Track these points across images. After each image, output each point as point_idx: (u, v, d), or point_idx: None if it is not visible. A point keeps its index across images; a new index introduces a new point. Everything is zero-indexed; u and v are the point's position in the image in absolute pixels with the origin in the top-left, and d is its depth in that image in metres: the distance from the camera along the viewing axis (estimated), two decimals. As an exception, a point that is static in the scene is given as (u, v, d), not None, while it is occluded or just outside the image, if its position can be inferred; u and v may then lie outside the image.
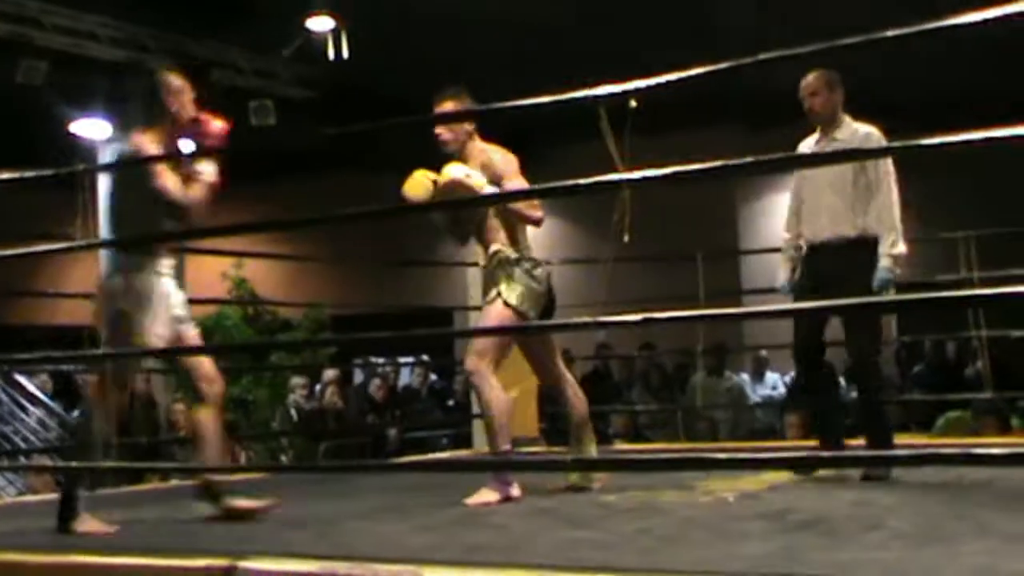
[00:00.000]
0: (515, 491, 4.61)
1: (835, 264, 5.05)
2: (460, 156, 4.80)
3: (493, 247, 4.83)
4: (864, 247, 4.99)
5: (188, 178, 4.26)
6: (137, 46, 10.97)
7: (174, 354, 4.61)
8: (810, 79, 5.15)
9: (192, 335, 4.44)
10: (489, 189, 4.66)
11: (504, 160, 4.81)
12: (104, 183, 4.53)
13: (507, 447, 4.71)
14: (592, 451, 4.99)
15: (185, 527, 4.25)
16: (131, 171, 4.36)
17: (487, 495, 4.54)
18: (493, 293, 4.78)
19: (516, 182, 4.74)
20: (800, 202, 5.28)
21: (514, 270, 4.76)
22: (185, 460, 9.39)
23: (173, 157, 4.29)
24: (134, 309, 4.20)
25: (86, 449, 4.27)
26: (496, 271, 4.80)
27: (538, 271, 4.82)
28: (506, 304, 4.70)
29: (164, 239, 4.30)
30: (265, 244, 12.98)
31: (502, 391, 4.71)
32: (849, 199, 5.04)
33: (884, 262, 4.91)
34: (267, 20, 10.66)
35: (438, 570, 2.81)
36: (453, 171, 4.69)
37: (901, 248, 4.93)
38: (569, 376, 5.11)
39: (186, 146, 4.35)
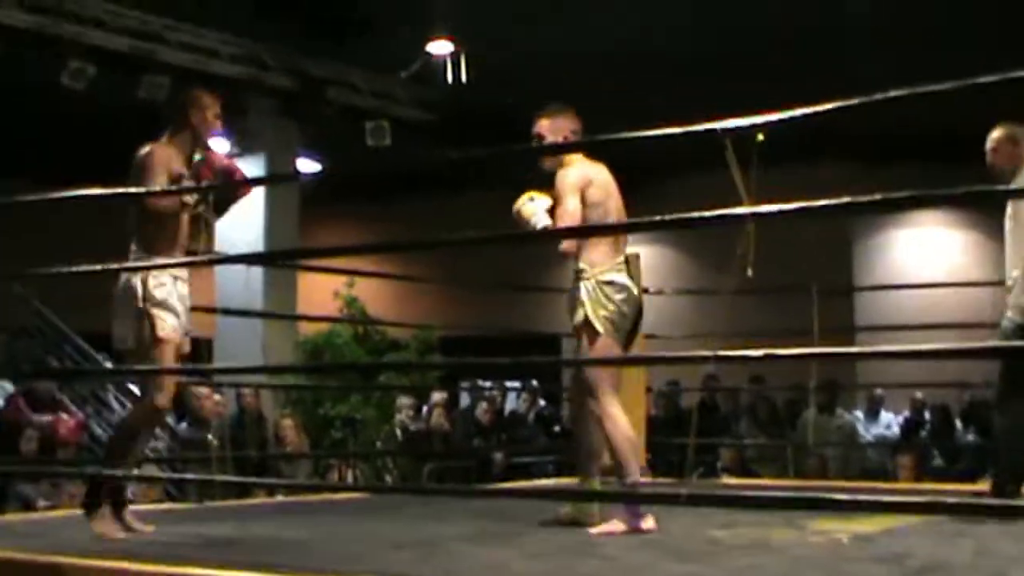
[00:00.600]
0: (646, 523, 4.46)
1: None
2: (555, 174, 4.74)
3: (578, 265, 4.69)
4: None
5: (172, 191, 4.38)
6: (256, 63, 11.15)
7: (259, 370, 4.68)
8: (994, 134, 5.05)
9: (186, 350, 4.59)
10: (543, 218, 4.64)
11: (565, 177, 4.67)
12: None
13: (633, 479, 4.57)
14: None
15: (292, 543, 4.28)
16: (137, 175, 4.49)
17: (613, 525, 4.45)
18: (580, 316, 4.62)
19: (561, 206, 4.63)
20: None
21: (596, 293, 4.61)
22: (292, 476, 9.53)
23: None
24: (153, 308, 4.35)
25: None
26: (578, 292, 4.64)
27: (621, 295, 4.63)
28: (595, 331, 4.56)
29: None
30: (377, 264, 13.09)
31: (624, 423, 4.59)
32: (1011, 247, 4.99)
33: (1009, 311, 4.81)
34: (385, 41, 10.77)
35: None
36: (519, 204, 4.73)
37: None
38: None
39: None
